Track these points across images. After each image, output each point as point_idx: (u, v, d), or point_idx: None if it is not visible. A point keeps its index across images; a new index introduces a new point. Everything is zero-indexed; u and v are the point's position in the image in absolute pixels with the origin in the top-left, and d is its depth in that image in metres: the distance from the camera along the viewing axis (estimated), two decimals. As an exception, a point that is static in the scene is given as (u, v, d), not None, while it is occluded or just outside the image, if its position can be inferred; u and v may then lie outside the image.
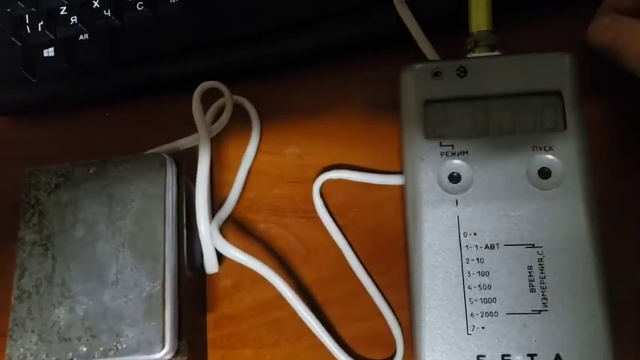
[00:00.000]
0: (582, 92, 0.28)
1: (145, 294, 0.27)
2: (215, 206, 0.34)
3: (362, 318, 0.31)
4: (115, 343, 0.27)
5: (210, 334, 0.32)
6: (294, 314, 0.31)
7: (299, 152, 0.35)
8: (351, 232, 0.33)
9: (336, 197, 0.33)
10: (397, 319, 0.31)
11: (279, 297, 0.31)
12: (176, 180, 0.30)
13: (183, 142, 0.34)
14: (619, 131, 0.32)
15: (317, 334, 0.30)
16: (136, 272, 0.28)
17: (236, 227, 0.34)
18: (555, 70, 0.29)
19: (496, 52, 0.30)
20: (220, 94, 0.34)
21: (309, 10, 0.34)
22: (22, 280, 0.29)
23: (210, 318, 0.33)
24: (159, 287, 0.28)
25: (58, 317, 0.28)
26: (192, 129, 0.33)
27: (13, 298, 0.28)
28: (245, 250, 0.31)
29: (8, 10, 0.37)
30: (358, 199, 0.33)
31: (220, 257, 0.32)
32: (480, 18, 0.30)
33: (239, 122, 0.35)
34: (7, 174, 0.35)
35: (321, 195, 0.33)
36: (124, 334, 0.27)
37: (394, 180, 0.32)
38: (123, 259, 0.28)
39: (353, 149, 0.34)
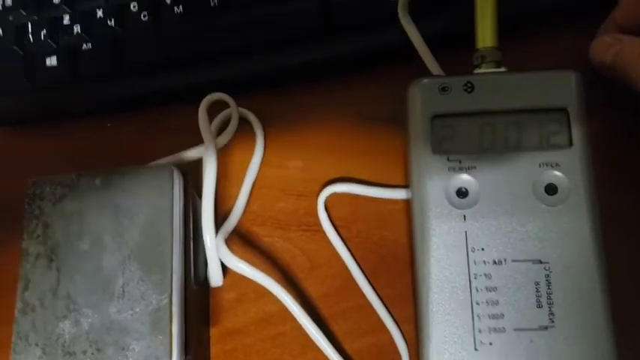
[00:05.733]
0: (587, 109, 0.29)
1: (151, 307, 0.27)
2: (218, 219, 0.34)
3: (367, 332, 0.31)
4: (120, 357, 0.26)
5: (214, 349, 0.32)
6: (298, 328, 0.31)
7: (302, 165, 0.35)
8: (355, 245, 0.33)
9: (340, 211, 0.33)
10: (402, 333, 0.31)
11: (284, 311, 0.31)
12: (183, 192, 0.30)
13: (189, 154, 0.33)
14: (622, 147, 0.32)
15: (322, 349, 0.30)
16: (142, 285, 0.28)
17: (240, 240, 0.34)
18: (561, 87, 0.29)
19: (502, 69, 0.30)
20: (223, 106, 0.34)
21: (315, 24, 0.34)
22: (26, 293, 0.28)
23: (214, 332, 0.32)
24: (166, 300, 0.27)
25: (63, 330, 0.27)
26: (193, 140, 0.33)
27: (16, 311, 0.28)
28: (249, 263, 0.31)
29: (10, 18, 0.37)
30: (362, 212, 0.33)
31: (224, 270, 0.32)
32: (486, 34, 0.30)
33: (243, 135, 0.35)
34: (8, 185, 0.35)
35: (326, 208, 0.33)
36: (130, 347, 0.27)
37: (398, 194, 0.33)
38: (129, 272, 0.28)
39: (356, 163, 0.34)
